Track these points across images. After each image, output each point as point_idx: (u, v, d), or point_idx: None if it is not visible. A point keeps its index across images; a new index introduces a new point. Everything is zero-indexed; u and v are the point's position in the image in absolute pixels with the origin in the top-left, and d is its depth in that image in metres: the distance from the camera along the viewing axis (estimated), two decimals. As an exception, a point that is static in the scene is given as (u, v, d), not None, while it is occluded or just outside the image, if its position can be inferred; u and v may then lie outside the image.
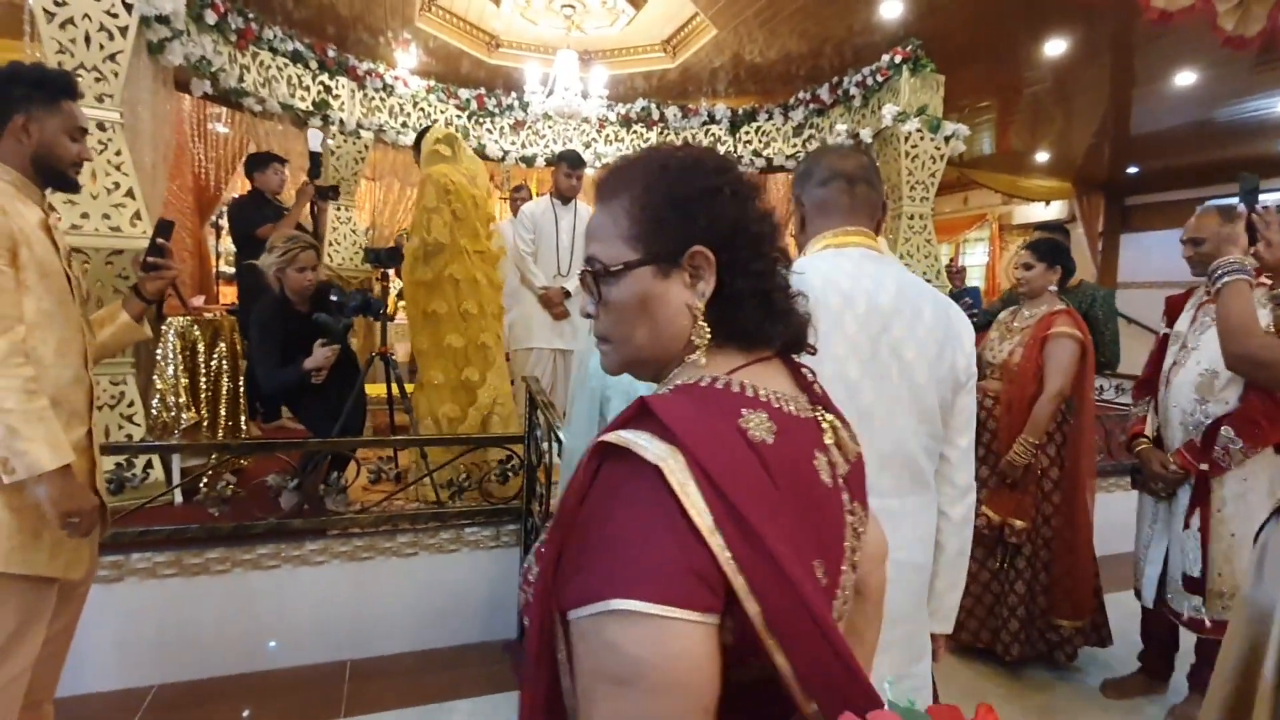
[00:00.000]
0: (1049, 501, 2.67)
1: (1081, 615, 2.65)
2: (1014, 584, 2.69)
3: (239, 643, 2.57)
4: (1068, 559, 2.64)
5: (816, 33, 4.39)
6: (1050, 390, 2.61)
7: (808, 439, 0.70)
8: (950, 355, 1.26)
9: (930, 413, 1.25)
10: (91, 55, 2.85)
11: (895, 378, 1.22)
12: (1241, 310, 1.59)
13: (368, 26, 4.60)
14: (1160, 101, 5.45)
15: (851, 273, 1.23)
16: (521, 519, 2.88)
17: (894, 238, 4.38)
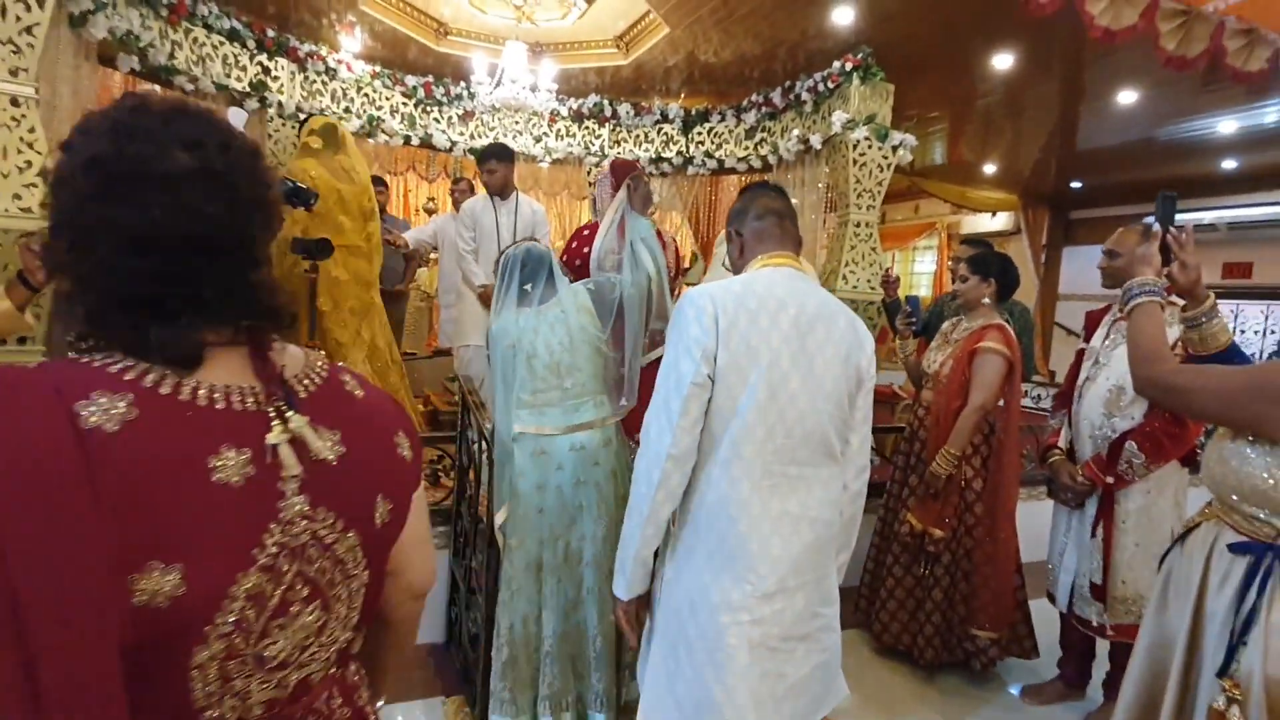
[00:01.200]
0: (971, 512, 2.70)
1: (999, 627, 2.67)
2: (931, 590, 2.75)
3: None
4: (987, 570, 2.66)
5: (770, 35, 4.37)
6: (973, 404, 2.64)
7: (206, 433, 0.67)
8: (855, 358, 1.54)
9: (840, 402, 1.51)
10: (6, 27, 2.68)
11: (816, 371, 1.48)
12: (1152, 334, 1.54)
13: (310, 7, 4.43)
14: (1105, 118, 5.60)
15: (786, 285, 1.52)
16: (451, 521, 2.81)
17: (840, 244, 4.40)
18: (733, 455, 1.44)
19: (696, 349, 1.42)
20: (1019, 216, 8.87)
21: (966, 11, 3.87)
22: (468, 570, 2.54)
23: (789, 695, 1.49)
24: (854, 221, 4.36)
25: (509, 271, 2.27)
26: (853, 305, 4.25)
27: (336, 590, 0.77)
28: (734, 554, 1.45)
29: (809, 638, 1.51)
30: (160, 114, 0.70)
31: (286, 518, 0.72)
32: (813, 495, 1.49)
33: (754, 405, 1.42)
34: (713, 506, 1.47)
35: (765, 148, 5.10)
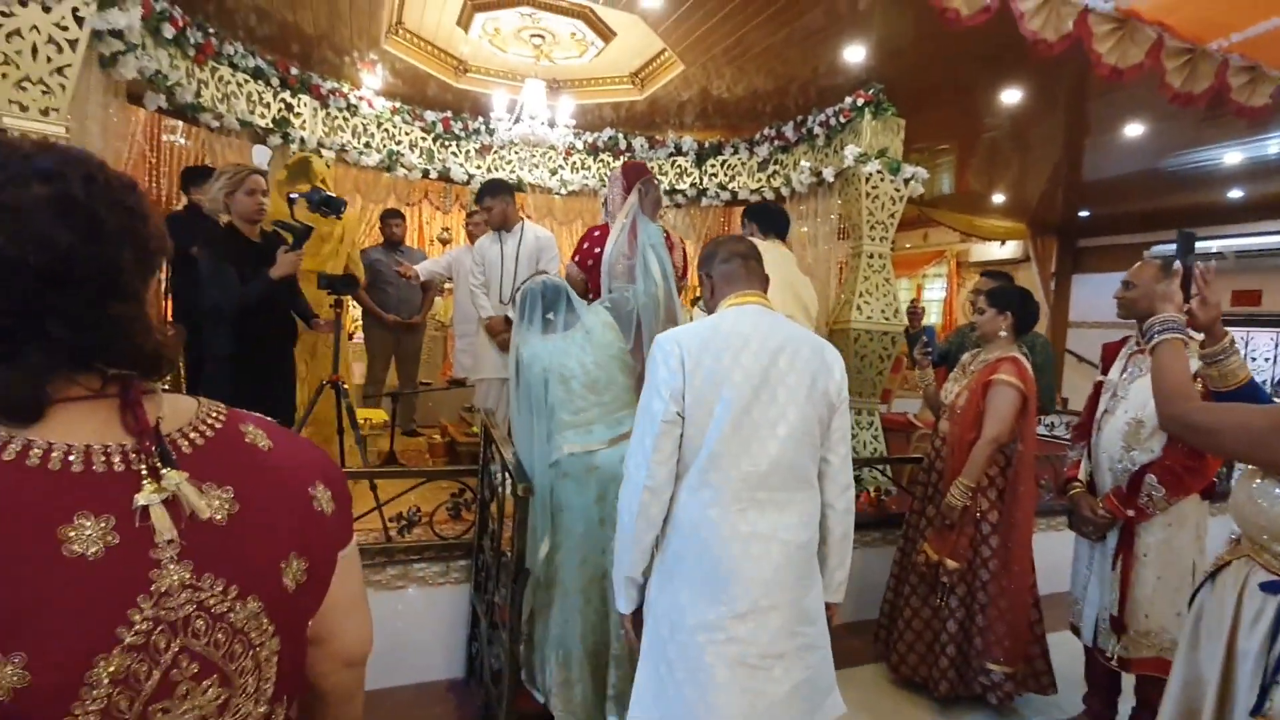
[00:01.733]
0: (986, 545, 2.70)
1: (1015, 661, 2.65)
2: (946, 622, 2.74)
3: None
4: (1002, 603, 2.65)
5: (783, 72, 4.46)
6: (986, 436, 2.64)
7: (57, 501, 0.61)
8: (823, 383, 1.63)
9: (809, 428, 1.60)
10: (38, 67, 2.75)
11: (780, 400, 1.58)
12: (1176, 371, 1.54)
13: (333, 46, 4.54)
14: (1111, 150, 5.66)
15: (751, 322, 1.64)
16: (473, 555, 2.81)
17: (854, 275, 4.44)
18: (702, 482, 1.56)
19: (665, 389, 1.57)
20: (1028, 245, 8.92)
21: (974, 49, 3.94)
22: (490, 605, 2.53)
23: (769, 712, 1.54)
24: (867, 253, 4.40)
25: (530, 304, 2.37)
26: (867, 336, 4.28)
27: (239, 663, 0.70)
28: (708, 576, 1.55)
29: (786, 656, 1.56)
30: (23, 149, 0.67)
31: (161, 589, 0.64)
32: (783, 518, 1.57)
33: (720, 436, 1.55)
34: (686, 531, 1.58)
35: (778, 180, 5.16)
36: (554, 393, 2.23)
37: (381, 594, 2.72)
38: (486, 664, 2.56)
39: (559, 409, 2.23)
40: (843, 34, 3.89)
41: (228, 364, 2.86)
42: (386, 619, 2.73)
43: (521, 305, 2.38)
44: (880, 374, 4.40)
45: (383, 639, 2.68)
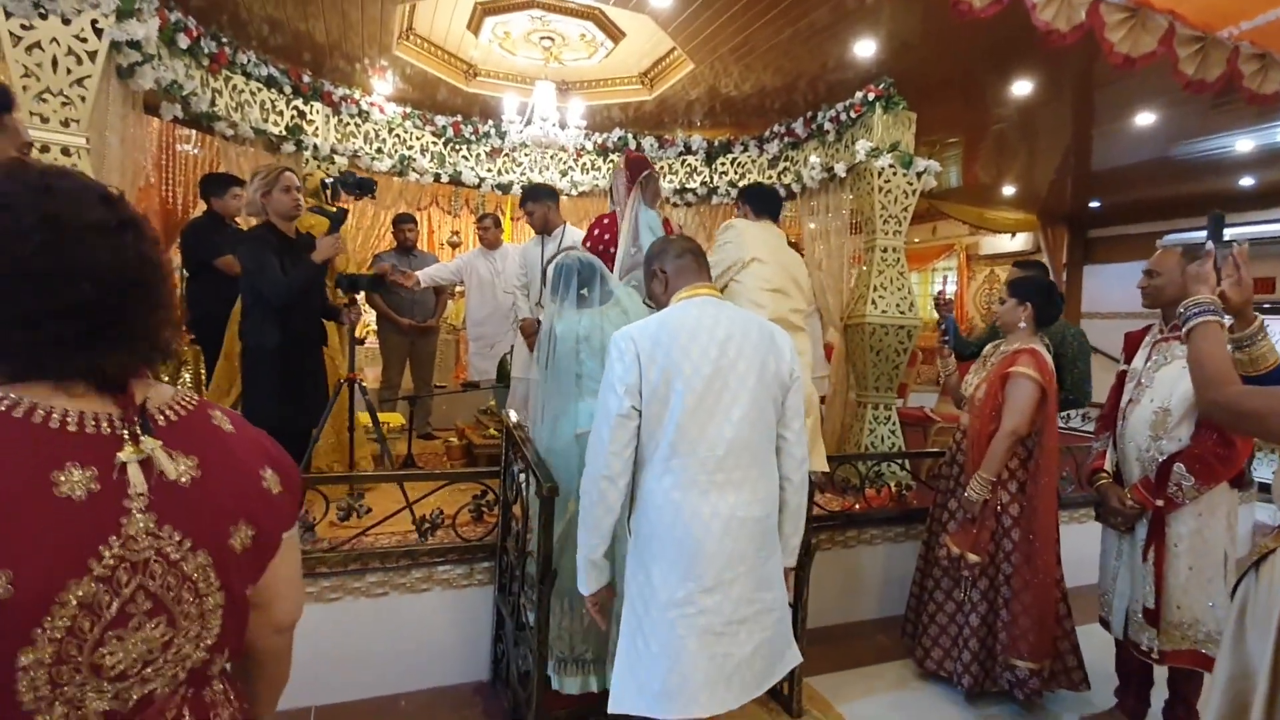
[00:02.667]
0: (1008, 538, 2.68)
1: (1040, 657, 2.62)
2: (969, 616, 2.74)
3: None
4: (1025, 598, 2.63)
5: (791, 69, 4.45)
6: (1004, 428, 2.62)
7: (53, 452, 0.75)
8: (773, 364, 1.76)
9: (763, 408, 1.73)
10: (58, 79, 2.78)
11: (732, 385, 1.70)
12: (1215, 355, 1.50)
13: (344, 54, 4.57)
14: (1121, 139, 5.63)
15: (700, 312, 1.76)
16: (496, 556, 2.82)
17: (868, 269, 4.43)
18: (665, 469, 1.69)
19: (620, 385, 1.68)
20: (1038, 236, 8.88)
21: (984, 41, 3.94)
22: (514, 606, 2.54)
23: (737, 671, 1.71)
24: (880, 247, 4.39)
25: (566, 278, 2.46)
26: (883, 330, 4.27)
27: (185, 608, 0.82)
28: (676, 555, 1.68)
29: (748, 620, 1.72)
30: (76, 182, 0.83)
31: (129, 533, 0.77)
32: (742, 496, 1.70)
33: (677, 424, 1.67)
34: (654, 514, 1.71)
35: (788, 176, 5.16)
36: (586, 363, 2.33)
37: (406, 597, 2.74)
38: (513, 665, 2.57)
39: (591, 377, 2.31)
40: (851, 29, 3.89)
41: (274, 356, 2.95)
42: (411, 622, 2.74)
43: (555, 281, 2.45)
44: (896, 368, 4.39)
45: (408, 641, 2.71)
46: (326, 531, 2.82)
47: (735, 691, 1.71)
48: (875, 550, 3.60)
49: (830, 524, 3.51)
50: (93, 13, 2.79)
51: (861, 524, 3.59)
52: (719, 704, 1.68)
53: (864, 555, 3.59)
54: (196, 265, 3.94)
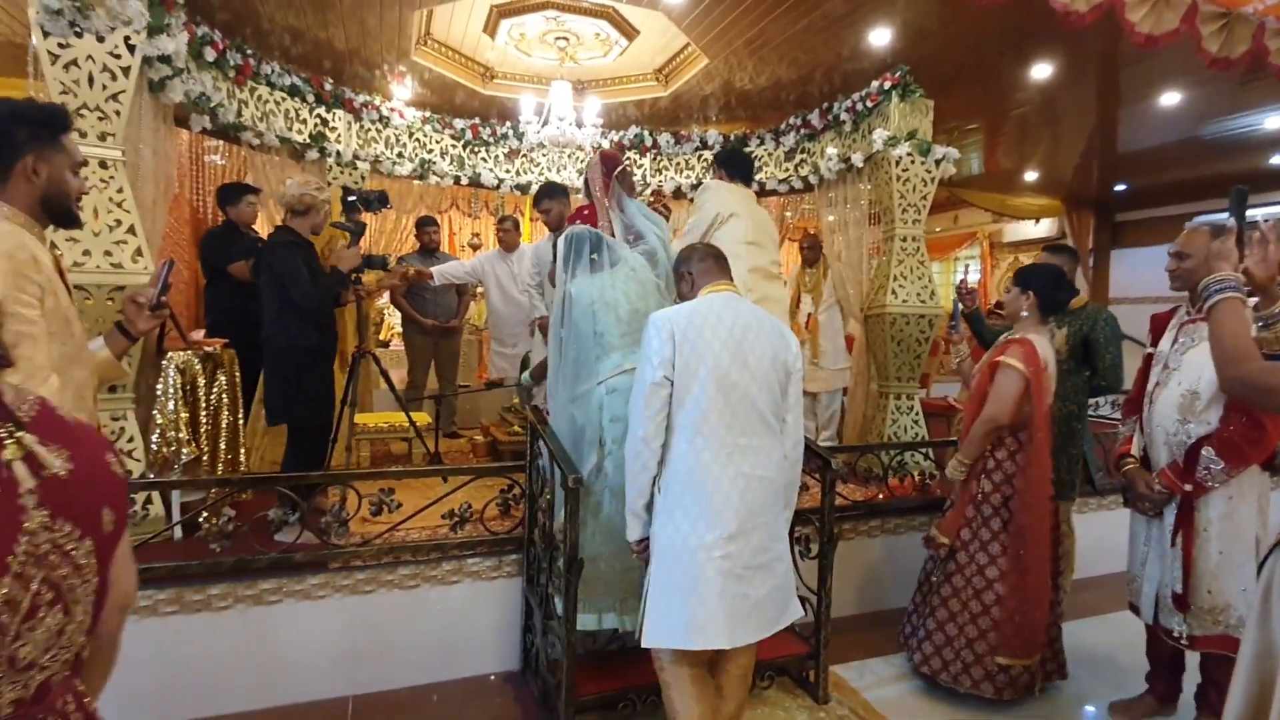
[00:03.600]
0: (987, 527, 2.63)
1: (1031, 654, 2.59)
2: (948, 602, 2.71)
3: (242, 679, 2.55)
4: (1016, 599, 2.56)
5: (806, 60, 4.45)
6: (983, 414, 2.61)
7: None
8: (781, 355, 2.05)
9: (773, 388, 2.02)
10: (94, 95, 2.88)
11: (750, 365, 1.98)
12: (1237, 331, 1.48)
13: (364, 60, 4.65)
14: (1146, 120, 5.54)
15: (724, 305, 2.05)
16: (524, 549, 2.88)
17: (887, 259, 4.42)
18: (694, 433, 1.94)
19: (656, 358, 1.95)
20: (1063, 222, 8.74)
21: (1001, 25, 3.90)
22: (542, 596, 2.59)
23: (754, 611, 1.95)
24: (900, 236, 4.37)
25: (577, 246, 2.65)
26: (904, 319, 4.26)
27: (75, 594, 0.86)
28: (704, 508, 1.92)
29: (764, 567, 1.97)
30: None
31: (31, 528, 0.80)
32: (759, 459, 1.98)
33: (705, 394, 1.93)
34: (685, 473, 1.95)
35: (805, 168, 5.15)
36: (602, 321, 2.52)
37: (437, 589, 2.80)
38: (542, 654, 2.63)
39: (607, 334, 2.51)
40: (865, 18, 3.88)
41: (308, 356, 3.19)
42: (443, 613, 2.81)
43: (567, 250, 2.64)
44: (918, 358, 4.37)
45: (440, 633, 2.78)
46: (359, 527, 2.90)
47: (751, 628, 1.94)
48: (899, 540, 3.60)
49: (854, 514, 3.52)
50: (125, 30, 2.88)
51: (885, 513, 3.59)
52: (738, 638, 1.93)
53: (888, 545, 3.59)
54: (211, 272, 4.13)
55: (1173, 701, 2.59)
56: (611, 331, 2.51)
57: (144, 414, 3.04)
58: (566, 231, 2.71)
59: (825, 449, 2.85)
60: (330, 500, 3.02)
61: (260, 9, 4.00)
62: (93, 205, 2.87)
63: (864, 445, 4.07)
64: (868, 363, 4.71)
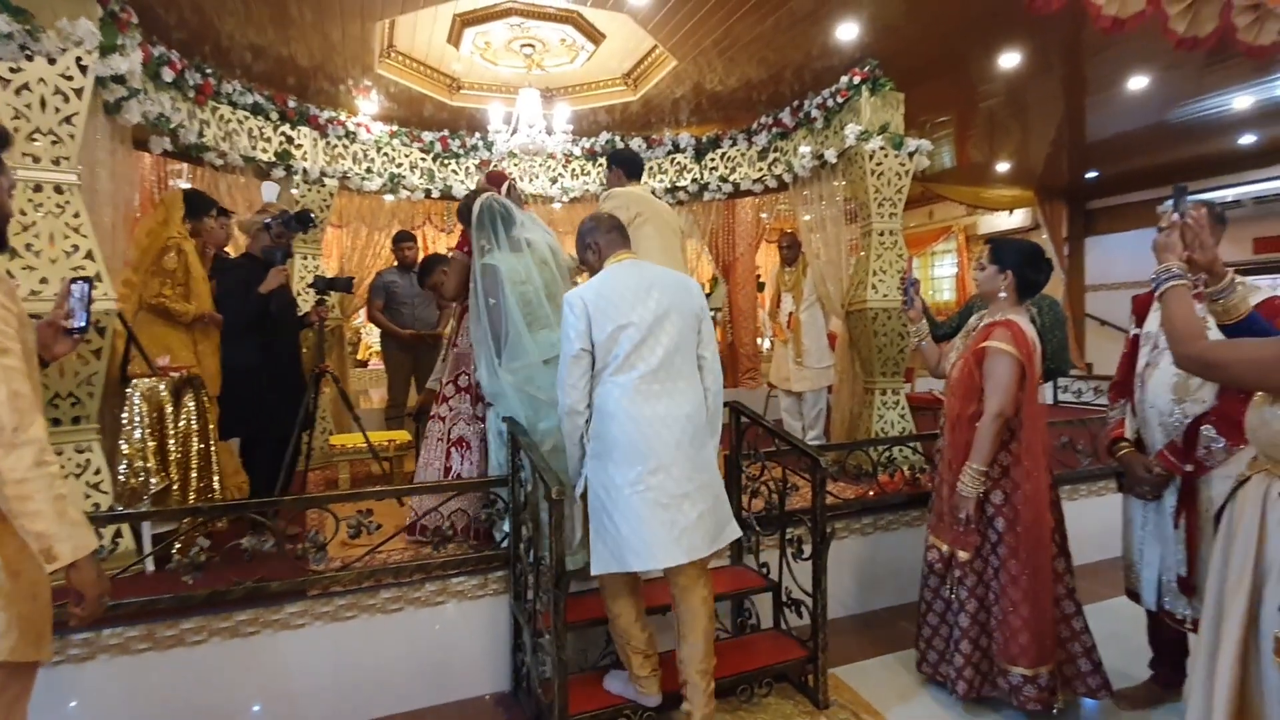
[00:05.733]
0: (992, 528, 2.47)
1: (1037, 662, 2.39)
2: (958, 615, 2.55)
3: (220, 716, 2.45)
4: (1013, 594, 2.40)
5: (775, 59, 4.44)
6: (988, 412, 2.41)
7: None
8: (685, 303, 2.30)
9: (684, 334, 2.27)
10: (47, 118, 2.78)
11: (659, 319, 2.23)
12: (1184, 315, 1.67)
13: (328, 75, 4.58)
14: (1114, 107, 5.58)
15: (629, 271, 2.31)
16: (510, 564, 2.80)
17: (866, 254, 4.40)
18: (613, 386, 2.20)
19: (573, 332, 2.21)
20: (1036, 212, 8.81)
21: (969, 14, 3.91)
22: (531, 613, 2.51)
23: (685, 534, 2.17)
24: (877, 230, 4.36)
25: (494, 220, 2.85)
26: (885, 314, 4.24)
27: None
28: (626, 447, 2.18)
29: (690, 495, 2.20)
30: None
31: None
32: (674, 401, 2.22)
33: (623, 352, 2.19)
34: (608, 419, 2.20)
35: (779, 167, 5.13)
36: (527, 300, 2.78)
37: (422, 611, 2.72)
38: (533, 672, 2.54)
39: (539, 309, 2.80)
40: (831, 14, 3.87)
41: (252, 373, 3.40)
42: (429, 636, 2.72)
43: (484, 219, 2.85)
44: (901, 352, 4.35)
45: (427, 656, 2.69)
46: (338, 551, 2.81)
47: (685, 548, 2.18)
48: (892, 536, 3.56)
49: (845, 512, 3.48)
50: (76, 50, 2.79)
51: (877, 510, 3.55)
52: (672, 559, 2.17)
53: (881, 542, 3.55)
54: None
55: (1177, 687, 2.55)
56: (540, 309, 2.81)
57: (109, 444, 2.93)
58: (482, 200, 2.90)
59: (814, 447, 2.80)
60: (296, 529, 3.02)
61: (219, 26, 3.92)
62: (49, 231, 2.78)
63: (852, 442, 4.03)
64: (851, 359, 4.68)
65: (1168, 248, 1.79)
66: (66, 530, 1.36)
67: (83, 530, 1.40)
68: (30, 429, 1.33)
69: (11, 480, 1.30)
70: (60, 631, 2.22)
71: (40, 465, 1.33)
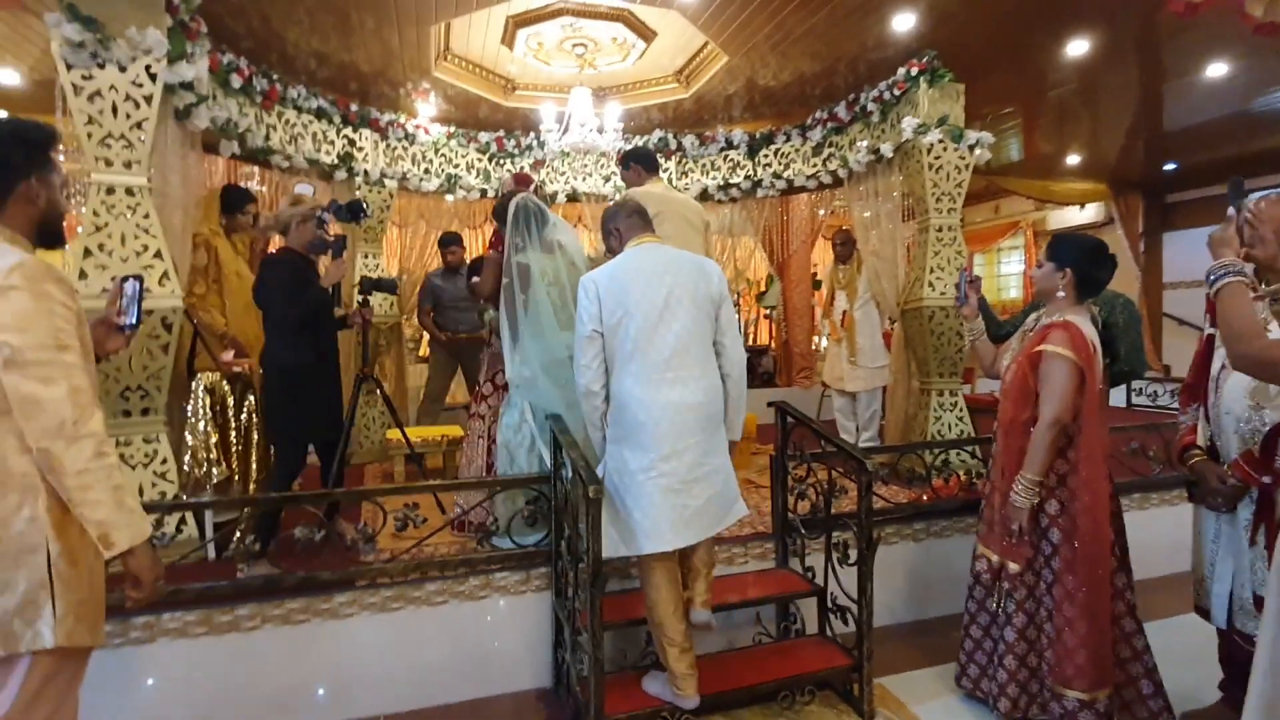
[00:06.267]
0: (1047, 539, 2.34)
1: (1094, 685, 2.23)
2: (1004, 629, 2.42)
3: (272, 699, 2.54)
4: (1068, 611, 2.26)
5: (829, 52, 4.35)
6: (1043, 419, 2.27)
7: None
8: (704, 288, 2.31)
9: (699, 320, 2.29)
10: (119, 124, 2.93)
11: (672, 306, 2.25)
12: (1241, 312, 1.61)
13: (388, 80, 4.71)
14: (1193, 95, 5.27)
15: (645, 255, 2.33)
16: (551, 562, 2.82)
17: (923, 250, 4.27)
18: (627, 372, 2.25)
19: (585, 314, 2.27)
20: (1110, 206, 8.39)
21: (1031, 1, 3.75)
22: (571, 611, 2.53)
23: (694, 517, 2.26)
24: (935, 226, 4.22)
25: (529, 219, 2.92)
26: (942, 312, 4.10)
27: None
28: (639, 436, 2.24)
29: (699, 480, 2.27)
30: None
31: None
32: (687, 389, 2.24)
33: (633, 338, 2.23)
34: (622, 407, 2.26)
35: (834, 162, 5.02)
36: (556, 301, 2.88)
37: (466, 605, 2.76)
38: (573, 671, 2.55)
39: (563, 312, 2.88)
40: (888, 4, 3.77)
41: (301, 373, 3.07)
42: (472, 629, 2.76)
43: (519, 218, 2.92)
44: (959, 351, 4.20)
45: (470, 650, 2.73)
46: (386, 543, 2.87)
47: (694, 531, 2.27)
48: (947, 543, 3.44)
49: (896, 517, 3.38)
50: (146, 59, 2.93)
51: (930, 516, 3.44)
52: (683, 540, 2.25)
53: (935, 549, 3.43)
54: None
55: (1252, 711, 2.39)
56: (561, 311, 2.90)
57: (175, 436, 3.07)
58: (518, 200, 2.97)
59: (860, 449, 2.73)
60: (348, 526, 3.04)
61: (285, 35, 4.07)
62: (120, 232, 2.93)
63: (903, 445, 3.91)
64: (907, 359, 4.55)
65: (1224, 243, 1.72)
66: (124, 518, 1.43)
67: (139, 519, 1.47)
68: (90, 422, 1.40)
69: (73, 471, 1.37)
70: (122, 615, 2.35)
71: (100, 457, 1.40)
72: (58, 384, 1.37)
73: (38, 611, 1.38)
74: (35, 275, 1.39)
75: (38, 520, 1.40)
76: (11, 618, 1.37)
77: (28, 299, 1.37)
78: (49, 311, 1.39)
